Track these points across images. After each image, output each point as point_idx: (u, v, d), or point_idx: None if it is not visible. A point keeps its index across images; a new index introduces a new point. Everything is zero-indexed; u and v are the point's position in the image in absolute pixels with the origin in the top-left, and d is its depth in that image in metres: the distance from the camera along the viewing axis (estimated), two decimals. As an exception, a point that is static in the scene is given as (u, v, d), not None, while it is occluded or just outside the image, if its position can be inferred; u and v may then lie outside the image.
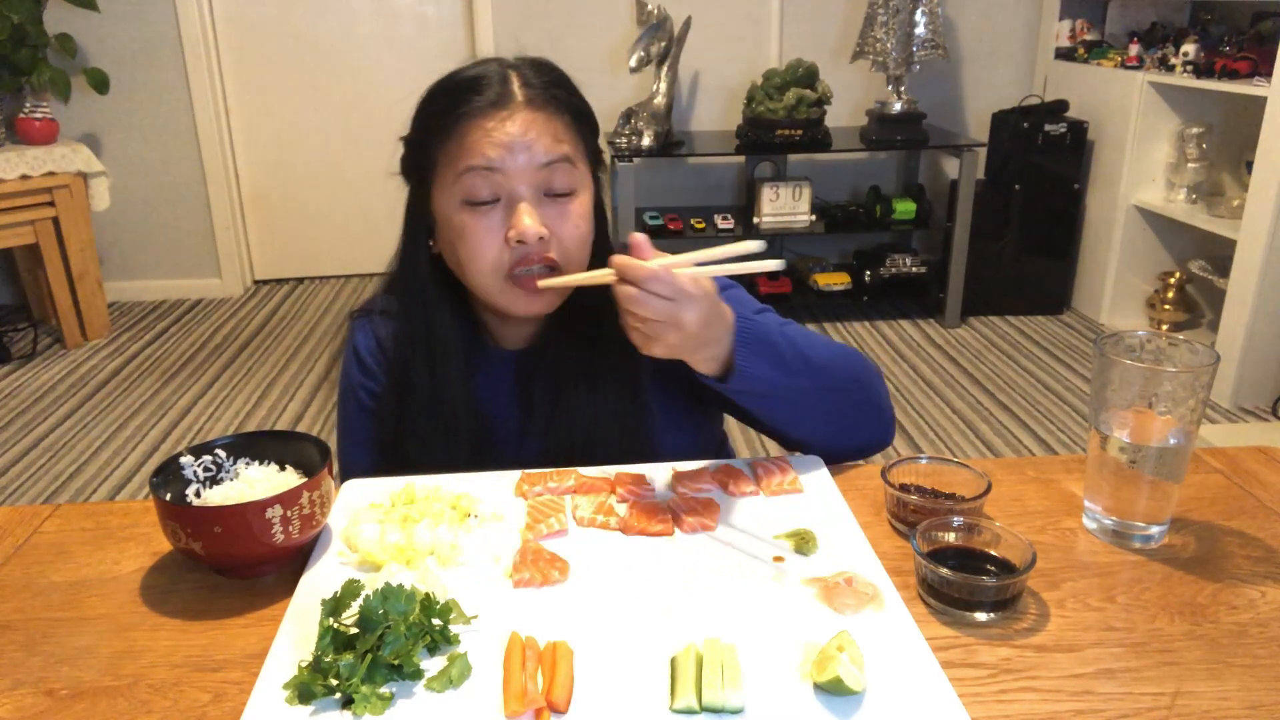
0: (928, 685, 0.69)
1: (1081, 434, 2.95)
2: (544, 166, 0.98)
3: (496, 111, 0.98)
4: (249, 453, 0.92)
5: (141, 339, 3.83)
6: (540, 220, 0.98)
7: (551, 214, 1.00)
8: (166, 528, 0.82)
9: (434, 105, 1.03)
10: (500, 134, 0.97)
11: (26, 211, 3.49)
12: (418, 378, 1.07)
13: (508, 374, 1.12)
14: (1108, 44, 3.90)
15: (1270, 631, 0.76)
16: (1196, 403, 0.82)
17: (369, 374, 1.13)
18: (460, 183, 0.99)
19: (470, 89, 1.00)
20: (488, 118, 0.98)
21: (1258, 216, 2.96)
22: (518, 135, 0.97)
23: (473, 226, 0.99)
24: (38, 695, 0.72)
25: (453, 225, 1.01)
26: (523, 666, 0.70)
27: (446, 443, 1.07)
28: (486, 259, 0.99)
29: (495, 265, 1.00)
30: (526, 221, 0.97)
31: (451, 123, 0.99)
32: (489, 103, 0.98)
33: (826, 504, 0.94)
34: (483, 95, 0.99)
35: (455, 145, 0.99)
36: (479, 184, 0.98)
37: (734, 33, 4.09)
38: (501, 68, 1.02)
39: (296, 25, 4.14)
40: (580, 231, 1.02)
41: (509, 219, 0.98)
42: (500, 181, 0.98)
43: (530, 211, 0.98)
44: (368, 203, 4.42)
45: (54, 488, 2.70)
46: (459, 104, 0.99)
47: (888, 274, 3.99)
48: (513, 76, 1.01)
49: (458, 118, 0.99)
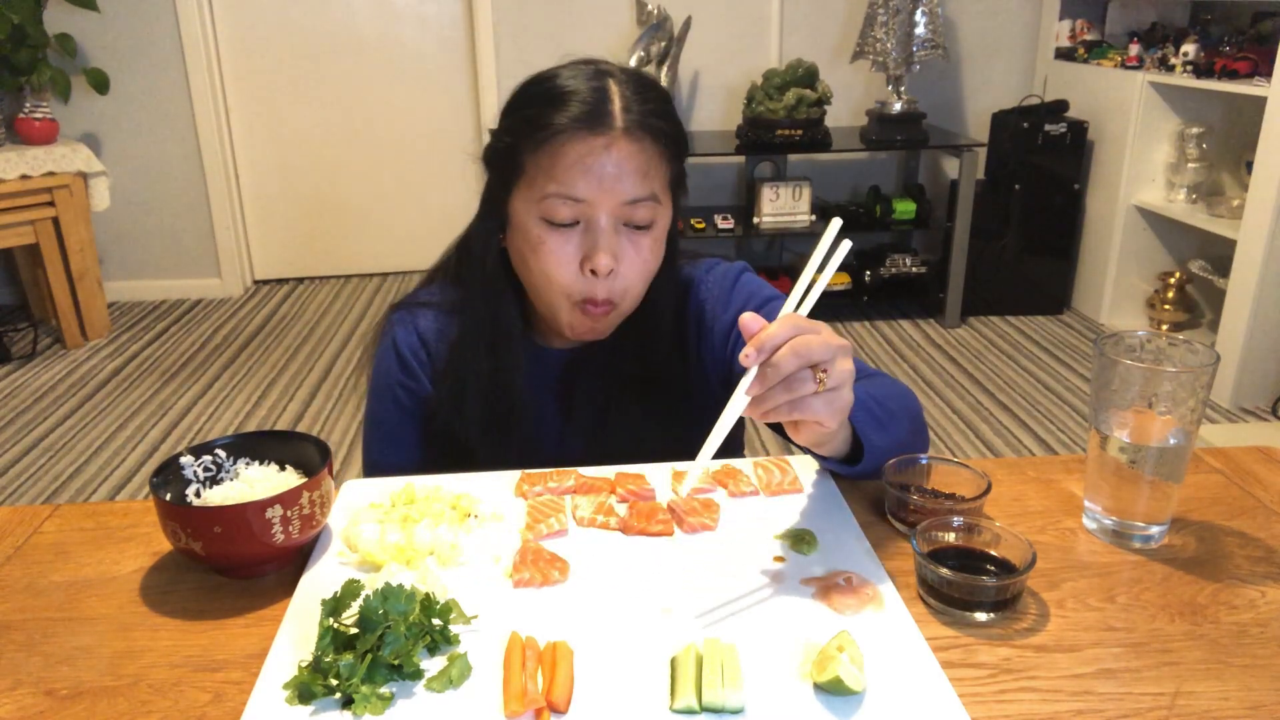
0: (928, 685, 0.69)
1: (1081, 434, 2.95)
2: (629, 204, 0.98)
3: (592, 137, 0.95)
4: (249, 453, 0.92)
5: (141, 339, 3.83)
6: (614, 253, 0.98)
7: (625, 244, 1.00)
8: (166, 528, 0.82)
9: (528, 109, 1.00)
10: (593, 162, 0.95)
11: (26, 211, 3.49)
12: (480, 366, 1.07)
13: (553, 373, 1.13)
14: (1108, 44, 3.90)
15: (1270, 631, 0.76)
16: (1196, 403, 0.82)
17: (409, 372, 1.12)
18: (544, 202, 0.98)
19: (568, 101, 0.97)
20: (582, 141, 0.95)
21: (1258, 216, 2.96)
22: (609, 169, 0.96)
23: (549, 246, 0.99)
24: (38, 695, 0.72)
25: (529, 237, 1.00)
26: (523, 666, 0.70)
27: (501, 433, 1.08)
28: (559, 281, 1.00)
29: (566, 289, 1.00)
30: (603, 260, 0.97)
31: (545, 135, 0.97)
32: (585, 123, 0.96)
33: (826, 504, 0.94)
34: (581, 112, 0.96)
35: (547, 159, 0.97)
36: (562, 209, 0.97)
37: (734, 33, 4.09)
38: (602, 81, 0.99)
39: (296, 25, 4.14)
40: (648, 266, 1.02)
41: (586, 244, 0.98)
42: (584, 210, 0.98)
43: (608, 248, 0.98)
44: (367, 203, 4.42)
45: (54, 488, 2.70)
46: (554, 115, 0.96)
47: (888, 274, 3.99)
48: (614, 95, 0.98)
49: (553, 131, 0.96)
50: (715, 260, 1.17)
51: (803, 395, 0.76)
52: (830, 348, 0.76)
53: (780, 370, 0.75)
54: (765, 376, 0.75)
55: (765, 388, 0.76)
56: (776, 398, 0.76)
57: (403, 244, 4.48)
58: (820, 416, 0.77)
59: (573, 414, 1.14)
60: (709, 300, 1.13)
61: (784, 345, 0.75)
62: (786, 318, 0.77)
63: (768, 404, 0.76)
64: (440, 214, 4.39)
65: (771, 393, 0.76)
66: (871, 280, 3.97)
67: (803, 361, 0.75)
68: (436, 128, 4.31)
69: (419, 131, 4.32)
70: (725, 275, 1.14)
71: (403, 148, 4.35)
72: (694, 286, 1.14)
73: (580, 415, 1.13)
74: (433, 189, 4.39)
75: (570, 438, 1.14)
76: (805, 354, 0.75)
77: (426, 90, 4.27)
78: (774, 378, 0.75)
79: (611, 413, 1.10)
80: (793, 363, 0.74)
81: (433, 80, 4.26)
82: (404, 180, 4.40)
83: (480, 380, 1.08)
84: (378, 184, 4.40)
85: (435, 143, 4.34)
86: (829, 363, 0.76)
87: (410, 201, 4.42)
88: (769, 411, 0.77)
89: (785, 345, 0.75)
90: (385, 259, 4.53)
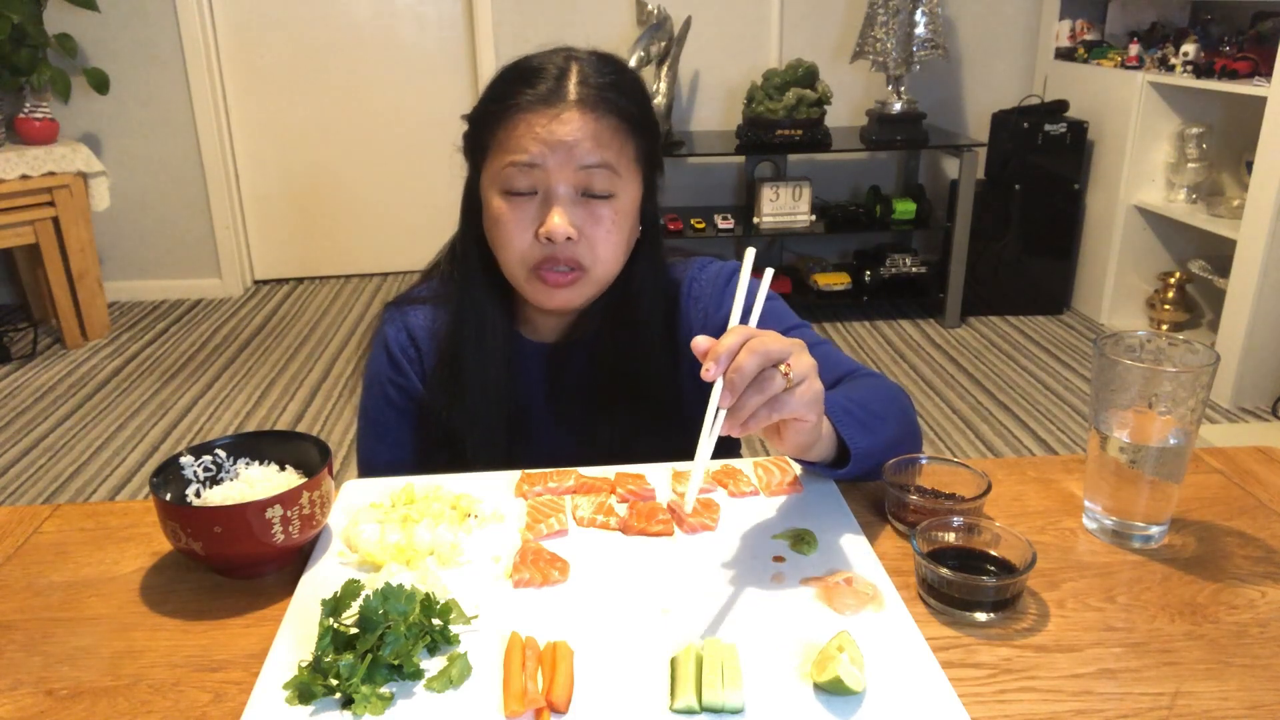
0: (928, 685, 0.69)
1: (1081, 434, 2.95)
2: (583, 169, 0.99)
3: (547, 108, 0.99)
4: (249, 453, 0.92)
5: (141, 339, 3.83)
6: (571, 220, 0.99)
7: (584, 215, 1.01)
8: (167, 528, 0.82)
9: (494, 90, 1.04)
10: (545, 131, 0.98)
11: (26, 211, 3.49)
12: (467, 357, 1.09)
13: (539, 365, 1.14)
14: (1108, 44, 3.90)
15: (1270, 631, 0.76)
16: (1196, 403, 0.82)
17: (398, 370, 1.13)
18: (503, 172, 1.00)
19: (528, 79, 1.01)
20: (538, 113, 0.99)
21: (1258, 216, 2.96)
22: (562, 135, 0.98)
23: (507, 215, 1.01)
24: (38, 695, 0.72)
25: (490, 210, 1.03)
26: (523, 666, 0.70)
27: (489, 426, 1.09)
28: (515, 249, 1.02)
29: (522, 257, 1.02)
30: (556, 221, 0.99)
31: (504, 111, 1.01)
32: (541, 97, 0.99)
33: (826, 504, 0.94)
34: (537, 88, 1.00)
35: (505, 134, 1.01)
36: (518, 176, 1.00)
37: (734, 33, 4.09)
38: (565, 60, 1.02)
39: (297, 25, 4.14)
40: (611, 236, 1.03)
41: (542, 214, 1.00)
42: (540, 177, 1.00)
43: (562, 212, 0.99)
44: (367, 203, 4.42)
45: (54, 488, 2.70)
46: (514, 93, 1.00)
47: (888, 274, 3.99)
48: (572, 72, 1.01)
49: (511, 108, 1.00)
50: (709, 259, 1.17)
51: (775, 394, 0.76)
52: (785, 344, 0.77)
53: (745, 372, 0.75)
54: (733, 384, 0.75)
55: (736, 395, 0.76)
56: (750, 401, 0.76)
57: (402, 244, 4.48)
58: (798, 411, 0.78)
59: (561, 408, 1.14)
60: (701, 298, 1.13)
61: (740, 350, 0.76)
62: (734, 329, 0.78)
63: (744, 411, 0.77)
64: (440, 214, 4.37)
65: (745, 399, 0.76)
66: (871, 280, 3.97)
67: (763, 360, 0.76)
68: (436, 128, 4.31)
69: (419, 132, 4.32)
70: (719, 274, 1.15)
71: (403, 148, 4.34)
72: (686, 285, 1.14)
73: (568, 410, 1.14)
74: (433, 189, 4.38)
75: (561, 434, 1.14)
76: (763, 352, 0.76)
77: (427, 91, 4.27)
78: (741, 382, 0.75)
79: (600, 408, 1.10)
80: (754, 361, 0.75)
81: (433, 81, 4.26)
82: (404, 180, 4.40)
83: (468, 372, 1.09)
84: (378, 184, 4.40)
85: (435, 143, 4.34)
86: (788, 357, 0.77)
87: (410, 201, 4.42)
88: (748, 421, 0.77)
89: (742, 349, 0.76)
90: (385, 259, 4.53)
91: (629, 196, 1.04)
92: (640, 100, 1.05)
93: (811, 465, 0.94)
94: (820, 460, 0.92)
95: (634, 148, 1.03)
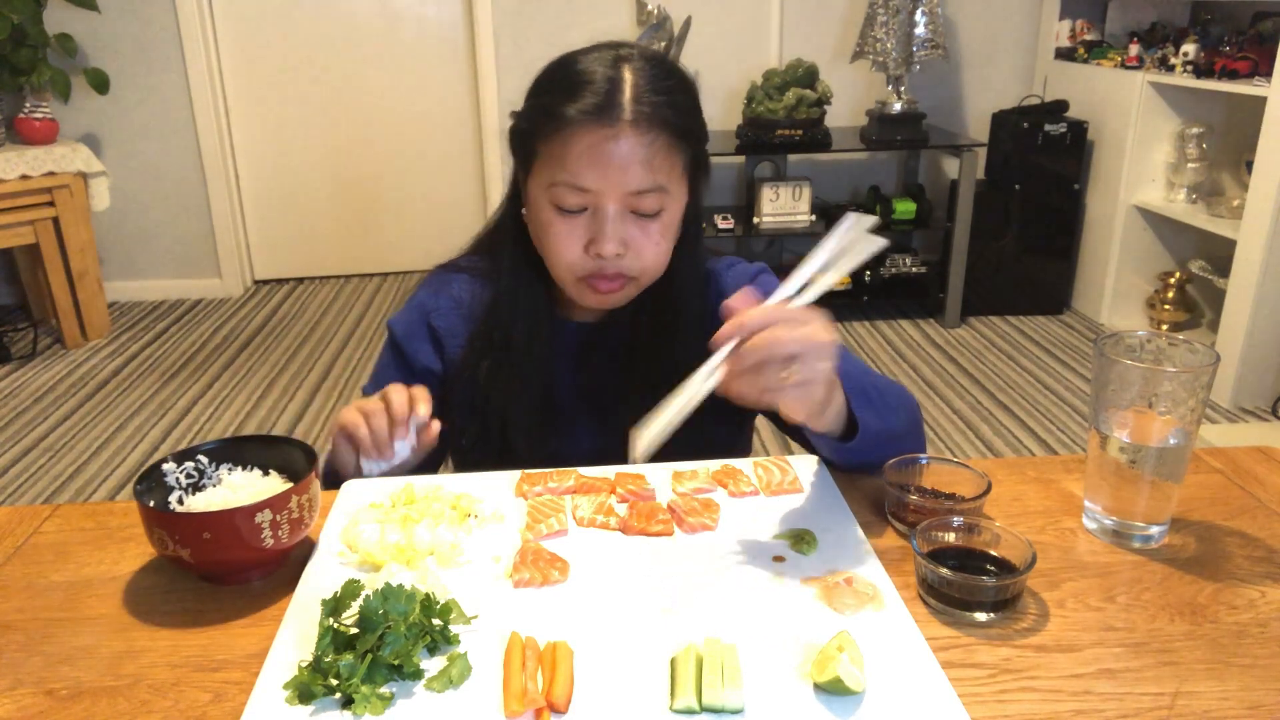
0: (928, 685, 0.69)
1: (1081, 434, 2.95)
2: (634, 194, 0.99)
3: (600, 128, 0.97)
4: (232, 458, 0.91)
5: (141, 339, 3.83)
6: (621, 239, 1.00)
7: (634, 230, 1.01)
8: (153, 535, 0.81)
9: (545, 95, 1.02)
10: (600, 153, 0.97)
11: (26, 211, 3.49)
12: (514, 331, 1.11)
13: (570, 344, 1.15)
14: (1108, 44, 3.90)
15: (1270, 631, 0.76)
16: (1196, 403, 0.82)
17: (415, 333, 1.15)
18: (553, 188, 1.00)
19: (577, 89, 0.98)
20: (589, 130, 0.97)
21: (1258, 216, 2.96)
22: (616, 160, 0.97)
23: (557, 228, 1.02)
24: (38, 695, 0.72)
25: (539, 218, 1.04)
26: (523, 666, 0.70)
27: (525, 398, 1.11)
28: (564, 261, 1.03)
29: (571, 267, 1.03)
30: (608, 245, 1.00)
31: (555, 124, 0.99)
32: (592, 114, 0.97)
33: (826, 504, 0.94)
34: (591, 103, 0.97)
35: (557, 147, 0.99)
36: (569, 195, 1.00)
37: (734, 33, 4.09)
38: (615, 66, 1.00)
39: (296, 25, 4.14)
40: (660, 246, 1.04)
41: (592, 228, 1.01)
42: (590, 198, 1.00)
43: (613, 235, 1.00)
44: (367, 203, 4.42)
45: (54, 488, 2.70)
46: (566, 104, 0.98)
47: (888, 274, 3.99)
48: (625, 85, 0.98)
49: (562, 121, 0.98)
50: (736, 259, 1.20)
51: (768, 386, 0.78)
52: (806, 343, 0.77)
53: (744, 360, 0.77)
54: (739, 358, 0.77)
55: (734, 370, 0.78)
56: (742, 380, 0.78)
57: (403, 244, 4.48)
58: (788, 407, 0.80)
59: (587, 388, 1.16)
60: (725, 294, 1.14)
61: (757, 334, 0.76)
62: (769, 308, 0.79)
63: (735, 384, 0.79)
64: (440, 214, 4.39)
65: (740, 377, 0.78)
66: (871, 280, 3.97)
67: (765, 356, 0.76)
68: (437, 128, 4.31)
69: (419, 132, 4.32)
70: (744, 273, 1.17)
71: (403, 148, 4.34)
72: (714, 280, 1.16)
73: (595, 390, 1.15)
74: (433, 189, 4.38)
75: (585, 415, 1.15)
76: (770, 349, 0.76)
77: (427, 91, 4.27)
78: (738, 366, 0.77)
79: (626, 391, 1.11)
80: (755, 356, 0.76)
81: (433, 81, 4.26)
82: (404, 180, 4.40)
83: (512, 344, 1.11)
84: (378, 184, 4.40)
85: (435, 143, 4.34)
86: (800, 358, 0.77)
87: (410, 201, 4.42)
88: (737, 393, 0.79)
89: (757, 335, 0.76)
90: (385, 259, 4.53)
91: (677, 207, 1.05)
92: (693, 111, 1.05)
93: (816, 438, 0.95)
94: (827, 431, 0.92)
95: (684, 160, 1.03)
